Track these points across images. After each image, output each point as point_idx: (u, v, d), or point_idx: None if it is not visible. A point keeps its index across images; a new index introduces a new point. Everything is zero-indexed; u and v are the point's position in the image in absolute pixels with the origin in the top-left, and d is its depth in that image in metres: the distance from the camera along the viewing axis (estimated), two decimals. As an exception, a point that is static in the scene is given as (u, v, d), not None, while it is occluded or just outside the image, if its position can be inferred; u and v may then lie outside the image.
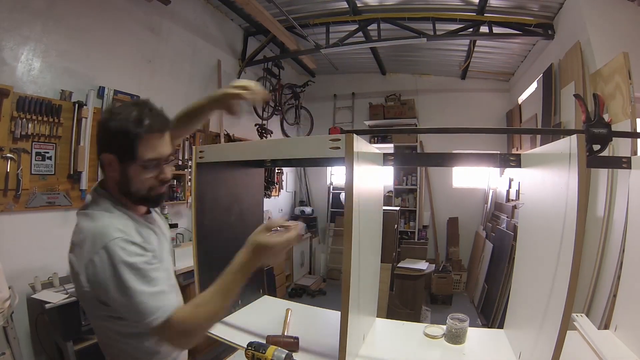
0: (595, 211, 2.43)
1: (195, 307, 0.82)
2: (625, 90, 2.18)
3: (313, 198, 6.14)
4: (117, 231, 0.82)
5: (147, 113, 0.88)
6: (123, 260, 0.79)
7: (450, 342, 1.22)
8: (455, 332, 1.22)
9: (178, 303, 0.83)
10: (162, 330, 0.78)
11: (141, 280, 0.79)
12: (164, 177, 0.93)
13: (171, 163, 0.96)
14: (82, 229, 0.85)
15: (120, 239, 0.81)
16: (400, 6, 3.67)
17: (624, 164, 1.09)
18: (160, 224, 1.07)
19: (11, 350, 1.89)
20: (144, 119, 0.86)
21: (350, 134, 0.93)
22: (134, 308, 0.78)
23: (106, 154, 0.88)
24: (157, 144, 0.89)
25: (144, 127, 0.86)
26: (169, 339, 0.81)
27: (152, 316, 0.77)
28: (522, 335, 1.09)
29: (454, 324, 1.22)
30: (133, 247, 0.82)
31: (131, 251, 0.81)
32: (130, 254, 0.80)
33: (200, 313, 0.81)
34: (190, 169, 3.06)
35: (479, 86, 5.30)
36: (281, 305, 1.55)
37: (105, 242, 0.80)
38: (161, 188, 0.95)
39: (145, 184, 0.90)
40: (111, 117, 0.88)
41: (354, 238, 0.93)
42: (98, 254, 0.79)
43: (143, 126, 0.86)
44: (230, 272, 0.84)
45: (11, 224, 2.12)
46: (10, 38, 2.14)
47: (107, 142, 0.88)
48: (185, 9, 3.50)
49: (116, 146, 0.86)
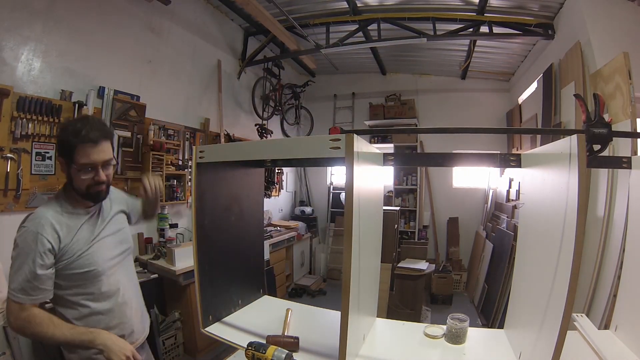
0: (595, 211, 2.43)
1: (41, 321, 1.07)
2: (626, 90, 2.17)
3: (313, 198, 6.14)
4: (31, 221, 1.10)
5: (85, 127, 1.11)
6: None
7: (451, 342, 1.23)
8: (456, 332, 1.22)
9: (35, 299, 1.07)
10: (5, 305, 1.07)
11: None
12: (98, 179, 1.15)
13: (110, 167, 1.19)
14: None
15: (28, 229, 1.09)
16: (400, 6, 3.67)
17: (624, 164, 1.09)
18: (107, 217, 1.29)
19: (11, 351, 1.89)
20: (81, 131, 1.10)
21: (351, 134, 0.93)
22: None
23: (59, 158, 1.15)
24: (90, 152, 1.11)
25: (79, 138, 1.09)
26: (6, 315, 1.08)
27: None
28: (522, 335, 1.09)
29: (454, 324, 1.22)
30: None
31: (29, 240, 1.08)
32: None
33: (36, 327, 1.06)
34: (190, 169, 3.06)
35: (479, 86, 5.30)
36: (281, 305, 1.55)
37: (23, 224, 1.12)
38: (98, 187, 1.16)
39: (83, 183, 1.14)
40: (61, 128, 1.18)
41: (354, 238, 0.93)
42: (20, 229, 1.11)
43: (79, 137, 1.09)
44: (76, 333, 1.10)
45: (11, 224, 2.11)
46: (10, 38, 2.14)
47: (58, 149, 1.14)
48: (185, 9, 3.50)
49: (62, 152, 1.13)
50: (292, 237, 4.66)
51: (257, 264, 1.68)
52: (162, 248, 2.91)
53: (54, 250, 1.10)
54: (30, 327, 1.06)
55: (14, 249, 1.09)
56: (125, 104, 2.78)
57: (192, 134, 3.60)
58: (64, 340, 1.08)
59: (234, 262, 1.49)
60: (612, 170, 2.31)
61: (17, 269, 1.06)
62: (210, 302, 1.35)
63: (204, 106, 3.85)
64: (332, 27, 3.86)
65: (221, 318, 1.39)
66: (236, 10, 3.91)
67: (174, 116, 3.38)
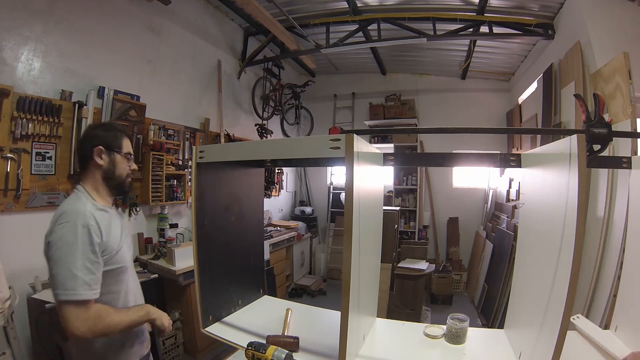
0: (595, 211, 2.43)
1: (107, 312, 1.07)
2: (626, 90, 2.17)
3: (313, 198, 6.14)
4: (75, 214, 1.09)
5: (122, 126, 1.38)
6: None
7: (451, 342, 1.23)
8: (456, 332, 1.22)
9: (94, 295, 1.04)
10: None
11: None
12: (134, 168, 1.33)
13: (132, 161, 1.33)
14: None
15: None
16: (400, 6, 3.67)
17: (624, 164, 1.09)
18: (123, 215, 1.38)
19: (11, 351, 1.89)
20: (122, 127, 1.33)
21: (351, 134, 0.93)
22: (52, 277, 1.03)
23: (98, 147, 1.20)
24: (128, 144, 1.30)
25: (124, 131, 1.30)
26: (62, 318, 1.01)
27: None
28: (522, 335, 1.09)
29: (454, 324, 1.22)
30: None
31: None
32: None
33: (106, 320, 1.05)
34: (190, 169, 3.06)
35: (479, 86, 5.30)
36: (281, 305, 1.55)
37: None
38: (129, 177, 1.31)
39: (125, 171, 1.27)
40: (106, 124, 1.35)
41: (354, 238, 0.93)
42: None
43: (124, 131, 1.31)
44: (132, 312, 1.16)
45: (11, 224, 2.13)
46: (10, 38, 2.14)
47: (100, 138, 1.22)
48: (185, 9, 3.50)
49: (111, 144, 1.23)
50: (292, 237, 4.66)
51: (257, 264, 1.68)
52: (162, 248, 2.91)
53: (101, 245, 1.09)
54: (101, 322, 1.03)
55: (57, 249, 1.02)
56: (125, 104, 2.78)
57: (192, 134, 3.60)
58: (129, 322, 1.12)
59: (234, 262, 1.49)
60: (612, 170, 2.31)
61: (70, 265, 1.00)
62: (210, 302, 1.35)
63: (204, 106, 3.85)
64: (332, 27, 3.86)
65: (221, 318, 1.39)
66: (236, 10, 3.91)
67: (174, 116, 3.38)
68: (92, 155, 1.20)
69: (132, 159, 1.30)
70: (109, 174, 1.22)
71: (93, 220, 1.08)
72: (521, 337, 1.10)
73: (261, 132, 4.48)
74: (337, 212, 5.73)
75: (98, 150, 1.20)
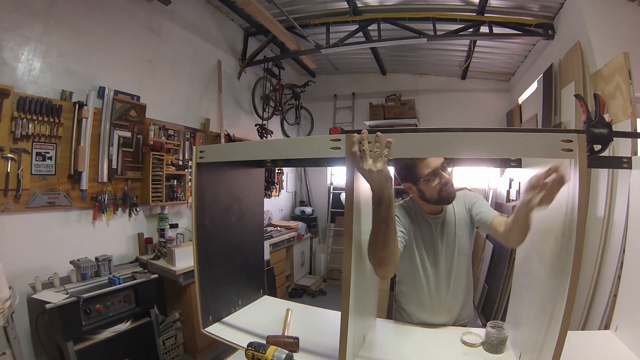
0: (595, 211, 2.43)
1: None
2: (626, 90, 2.17)
3: (313, 198, 6.14)
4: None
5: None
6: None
7: (489, 351, 1.15)
8: (496, 340, 1.15)
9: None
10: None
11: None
12: (445, 180, 1.25)
13: (447, 167, 1.27)
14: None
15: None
16: (400, 6, 3.67)
17: (625, 164, 1.09)
18: (450, 219, 1.38)
19: (11, 350, 1.89)
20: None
21: (351, 134, 0.93)
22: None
23: (405, 183, 1.31)
24: (429, 162, 1.22)
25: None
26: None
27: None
28: (522, 335, 1.09)
29: (494, 332, 1.14)
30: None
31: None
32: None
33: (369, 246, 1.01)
34: (190, 169, 3.06)
35: (479, 86, 5.30)
36: (281, 305, 1.55)
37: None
38: (447, 188, 1.26)
39: (434, 190, 1.25)
40: (399, 163, 1.31)
41: (354, 238, 0.93)
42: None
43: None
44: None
45: (11, 224, 2.13)
46: (10, 38, 2.14)
47: (403, 176, 1.30)
48: (185, 9, 3.50)
49: (409, 177, 1.28)
50: (292, 237, 4.66)
51: (257, 264, 1.68)
52: (162, 248, 2.91)
53: None
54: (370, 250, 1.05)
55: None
56: (125, 104, 2.78)
57: (192, 134, 3.60)
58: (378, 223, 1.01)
59: (234, 262, 1.49)
60: (612, 171, 2.31)
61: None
62: (210, 302, 1.35)
63: (204, 106, 3.85)
64: (332, 27, 3.86)
65: (221, 318, 1.39)
66: (236, 10, 3.91)
67: (174, 116, 3.38)
68: (404, 188, 1.36)
69: (439, 172, 1.28)
70: (423, 199, 1.34)
71: None
72: (521, 337, 1.10)
73: (261, 132, 4.48)
74: (337, 212, 5.72)
75: (406, 185, 1.34)
